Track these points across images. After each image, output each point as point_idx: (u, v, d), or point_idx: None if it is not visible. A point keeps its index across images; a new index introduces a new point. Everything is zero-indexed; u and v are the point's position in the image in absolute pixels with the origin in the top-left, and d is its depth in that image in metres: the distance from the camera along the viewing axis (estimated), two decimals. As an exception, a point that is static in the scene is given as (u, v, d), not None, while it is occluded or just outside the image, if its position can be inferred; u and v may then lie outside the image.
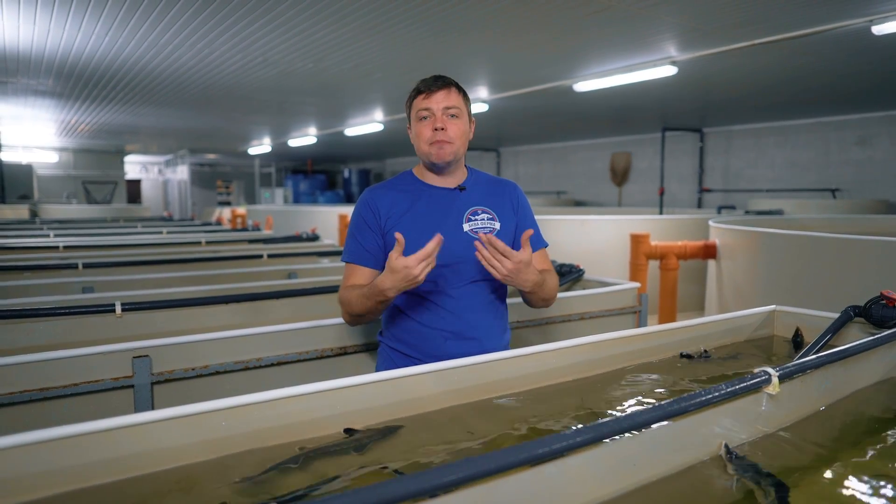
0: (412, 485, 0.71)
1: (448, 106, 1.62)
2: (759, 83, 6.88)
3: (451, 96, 1.62)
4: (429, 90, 1.62)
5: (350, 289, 1.63)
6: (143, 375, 1.63)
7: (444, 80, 1.64)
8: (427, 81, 1.64)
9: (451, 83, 1.64)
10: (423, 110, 1.62)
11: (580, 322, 2.48)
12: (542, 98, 7.85)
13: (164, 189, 21.14)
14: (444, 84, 1.62)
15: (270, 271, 3.60)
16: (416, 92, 1.65)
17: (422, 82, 1.65)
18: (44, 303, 2.40)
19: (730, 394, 1.09)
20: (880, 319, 1.69)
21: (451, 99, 1.62)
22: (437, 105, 1.61)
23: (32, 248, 4.57)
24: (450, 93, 1.63)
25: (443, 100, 1.61)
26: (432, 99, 1.61)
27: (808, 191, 9.65)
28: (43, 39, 5.21)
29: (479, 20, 4.55)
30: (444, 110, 1.62)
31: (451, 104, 1.62)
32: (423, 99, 1.62)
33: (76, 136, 12.58)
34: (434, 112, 1.61)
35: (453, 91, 1.63)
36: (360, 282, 1.65)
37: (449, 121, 1.62)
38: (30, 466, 0.87)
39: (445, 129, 1.61)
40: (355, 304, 1.60)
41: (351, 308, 1.62)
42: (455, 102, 1.63)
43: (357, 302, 1.59)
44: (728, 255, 4.63)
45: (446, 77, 1.65)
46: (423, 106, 1.62)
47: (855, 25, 4.48)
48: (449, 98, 1.62)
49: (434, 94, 1.61)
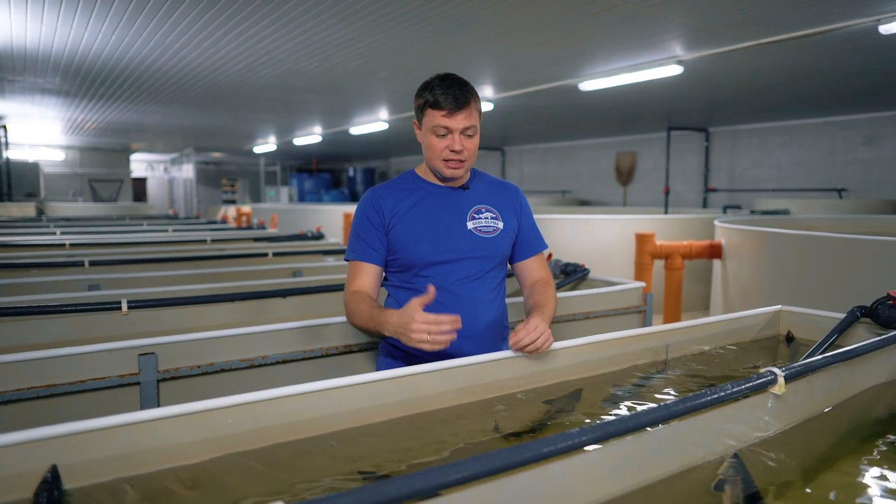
0: (418, 483, 0.71)
1: (467, 126, 1.57)
2: (765, 82, 6.85)
3: (471, 116, 1.57)
4: (450, 110, 1.54)
5: (356, 297, 1.61)
6: (149, 373, 1.63)
7: (465, 96, 1.56)
8: (448, 96, 1.54)
9: (470, 98, 1.57)
10: (441, 127, 1.57)
11: (585, 321, 2.47)
12: (548, 97, 7.83)
13: (170, 187, 21.21)
14: (465, 103, 1.55)
15: (275, 269, 3.61)
16: (434, 104, 1.56)
17: (442, 94, 1.55)
18: (50, 300, 2.41)
19: (735, 394, 1.09)
20: (887, 320, 1.68)
21: (472, 118, 1.57)
22: (457, 125, 1.56)
23: (39, 246, 4.59)
24: (471, 113, 1.57)
25: (463, 120, 1.56)
26: (453, 119, 1.55)
27: (815, 191, 9.60)
28: (50, 38, 5.23)
29: (485, 19, 4.54)
30: (463, 131, 1.57)
31: (471, 124, 1.58)
32: (442, 116, 1.55)
33: (82, 134, 12.63)
34: (452, 131, 1.57)
35: (473, 109, 1.58)
36: (364, 280, 1.64)
37: (467, 140, 1.59)
38: (36, 463, 0.88)
39: (463, 150, 1.58)
40: (358, 318, 1.58)
41: (353, 320, 1.61)
42: (474, 121, 1.58)
43: (360, 318, 1.57)
44: (733, 255, 4.61)
45: (465, 89, 1.57)
46: (441, 123, 1.56)
47: (862, 25, 4.45)
48: (470, 118, 1.57)
49: (455, 115, 1.55)
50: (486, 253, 1.67)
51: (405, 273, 1.67)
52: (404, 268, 1.66)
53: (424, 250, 1.62)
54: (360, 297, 1.60)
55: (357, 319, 1.59)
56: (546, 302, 1.63)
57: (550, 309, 1.61)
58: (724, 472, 1.05)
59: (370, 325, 1.53)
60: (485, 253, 1.66)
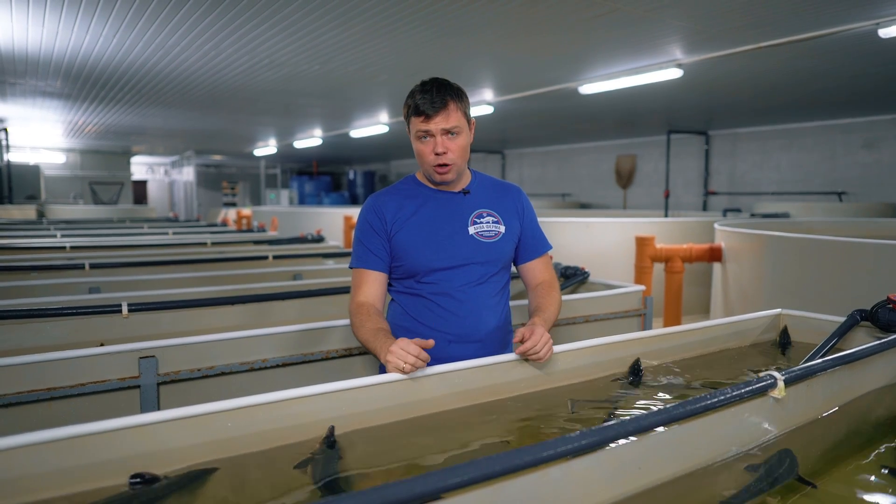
0: (418, 486, 0.71)
1: (447, 128, 1.56)
2: (764, 86, 6.86)
3: (449, 117, 1.55)
4: (427, 114, 1.54)
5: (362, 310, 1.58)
6: (150, 376, 1.63)
7: (441, 98, 1.54)
8: (425, 100, 1.54)
9: (447, 100, 1.55)
10: (421, 132, 1.57)
11: (585, 325, 2.47)
12: (548, 100, 7.84)
13: (170, 190, 21.22)
14: (442, 105, 1.54)
15: (276, 272, 3.61)
16: (413, 109, 1.56)
17: (420, 97, 1.55)
18: (51, 303, 2.41)
19: (735, 397, 1.09)
20: (887, 323, 1.68)
21: (451, 119, 1.56)
22: (436, 127, 1.55)
23: (39, 249, 4.59)
24: (448, 114, 1.55)
25: (441, 122, 1.55)
26: (431, 122, 1.55)
27: (815, 194, 9.61)
28: (51, 41, 5.25)
29: (485, 23, 4.55)
30: (443, 132, 1.57)
31: (451, 125, 1.56)
32: (421, 122, 1.55)
33: (83, 137, 12.65)
34: (433, 133, 1.57)
35: (451, 109, 1.56)
36: (369, 289, 1.63)
37: (449, 141, 1.58)
38: (36, 466, 0.88)
39: (447, 151, 1.58)
40: (362, 335, 1.55)
41: (357, 333, 1.57)
42: (454, 122, 1.57)
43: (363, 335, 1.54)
44: (734, 259, 4.62)
45: (443, 89, 1.56)
46: (421, 128, 1.56)
47: (862, 28, 4.46)
48: (448, 119, 1.55)
49: (433, 118, 1.54)
50: (489, 258, 1.66)
51: (409, 279, 1.67)
52: (407, 274, 1.66)
53: (427, 257, 1.62)
54: (367, 312, 1.57)
55: (360, 335, 1.55)
56: (548, 305, 1.65)
57: (553, 312, 1.63)
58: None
59: (369, 347, 1.50)
60: (487, 258, 1.66)
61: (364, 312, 1.58)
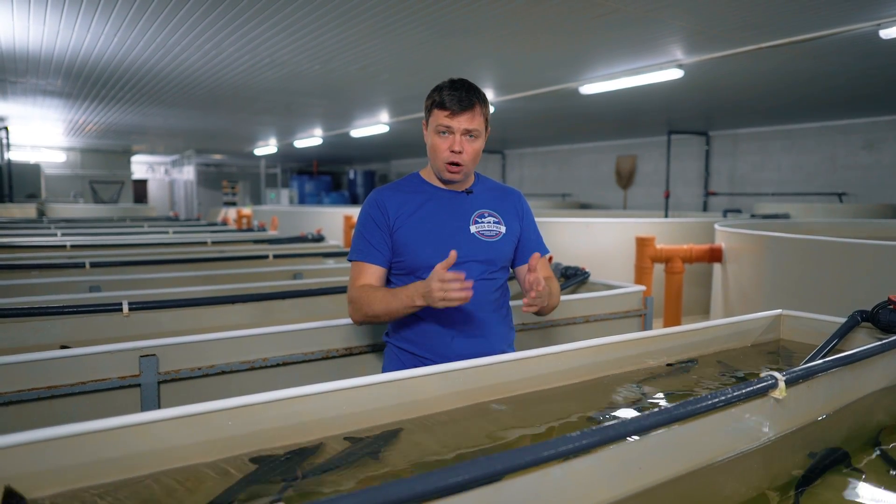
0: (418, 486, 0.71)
1: (469, 129, 1.59)
2: (765, 87, 6.85)
3: (474, 119, 1.59)
4: (453, 111, 1.57)
5: (365, 288, 1.62)
6: (150, 374, 1.63)
7: (470, 98, 1.58)
8: (453, 97, 1.57)
9: (475, 102, 1.59)
10: (443, 126, 1.59)
11: (585, 325, 2.47)
12: (548, 100, 7.84)
13: (171, 189, 21.22)
14: (469, 105, 1.57)
15: (276, 272, 3.61)
16: (440, 104, 1.59)
17: (448, 95, 1.58)
18: (51, 301, 2.41)
19: (736, 398, 1.09)
20: (888, 324, 1.68)
21: (474, 121, 1.59)
22: (459, 126, 1.58)
23: (40, 247, 4.59)
24: (474, 116, 1.59)
25: (466, 122, 1.58)
26: (455, 119, 1.58)
27: (815, 195, 9.60)
28: (52, 40, 5.25)
29: (486, 23, 4.55)
30: (465, 132, 1.59)
31: (473, 126, 1.59)
32: (445, 116, 1.58)
33: (84, 135, 12.65)
34: (454, 132, 1.59)
35: (476, 112, 1.59)
36: (368, 280, 1.65)
37: (467, 142, 1.60)
38: (36, 464, 0.88)
39: (463, 152, 1.60)
40: (375, 305, 1.57)
41: (369, 307, 1.59)
42: (476, 124, 1.60)
43: (377, 304, 1.57)
44: (734, 259, 4.61)
45: (472, 91, 1.60)
46: (444, 122, 1.59)
47: (863, 29, 4.46)
48: (472, 121, 1.59)
49: (458, 116, 1.57)
50: (490, 256, 1.68)
51: (409, 276, 1.67)
52: (408, 271, 1.67)
53: (428, 253, 1.63)
54: (370, 288, 1.62)
55: (373, 307, 1.58)
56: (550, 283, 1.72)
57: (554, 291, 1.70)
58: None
59: (392, 305, 1.54)
60: (488, 256, 1.68)
61: (368, 288, 1.62)
